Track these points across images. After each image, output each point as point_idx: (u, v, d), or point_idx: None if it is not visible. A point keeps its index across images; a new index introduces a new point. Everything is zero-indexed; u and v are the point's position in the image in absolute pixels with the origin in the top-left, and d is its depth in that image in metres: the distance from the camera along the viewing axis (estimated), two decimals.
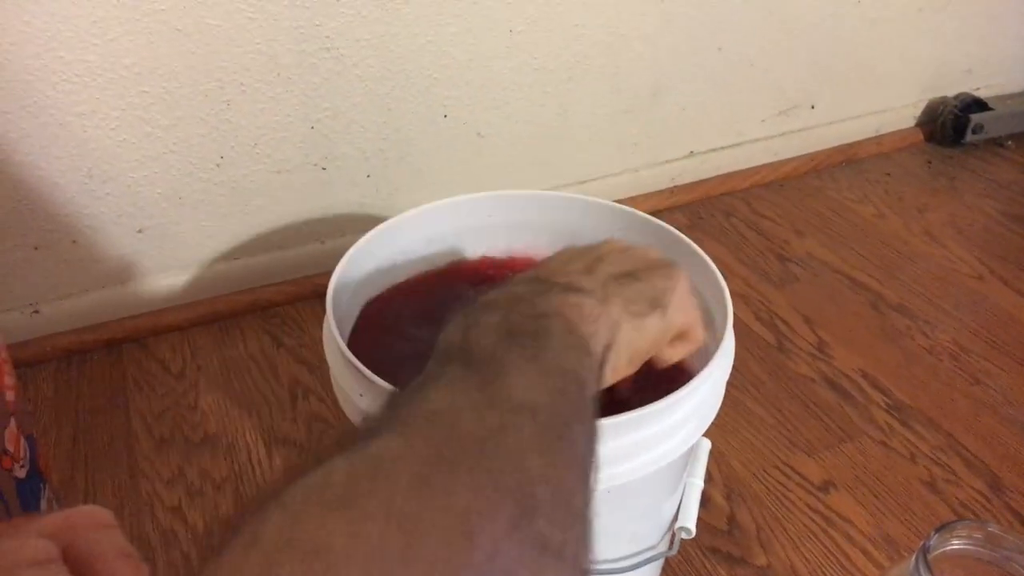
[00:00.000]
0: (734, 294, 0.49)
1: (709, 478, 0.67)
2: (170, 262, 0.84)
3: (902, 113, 1.24)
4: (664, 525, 0.51)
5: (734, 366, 0.48)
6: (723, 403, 0.47)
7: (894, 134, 1.23)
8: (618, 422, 0.39)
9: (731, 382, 0.47)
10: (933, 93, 1.25)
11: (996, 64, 1.26)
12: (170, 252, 0.84)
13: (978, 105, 1.22)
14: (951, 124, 1.21)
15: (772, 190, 1.12)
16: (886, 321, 0.88)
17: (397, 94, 0.84)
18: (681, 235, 0.54)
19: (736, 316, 0.48)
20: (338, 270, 0.50)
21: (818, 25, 1.06)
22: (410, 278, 0.59)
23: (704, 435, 0.46)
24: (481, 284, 0.59)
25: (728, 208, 1.08)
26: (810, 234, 1.03)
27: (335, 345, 0.45)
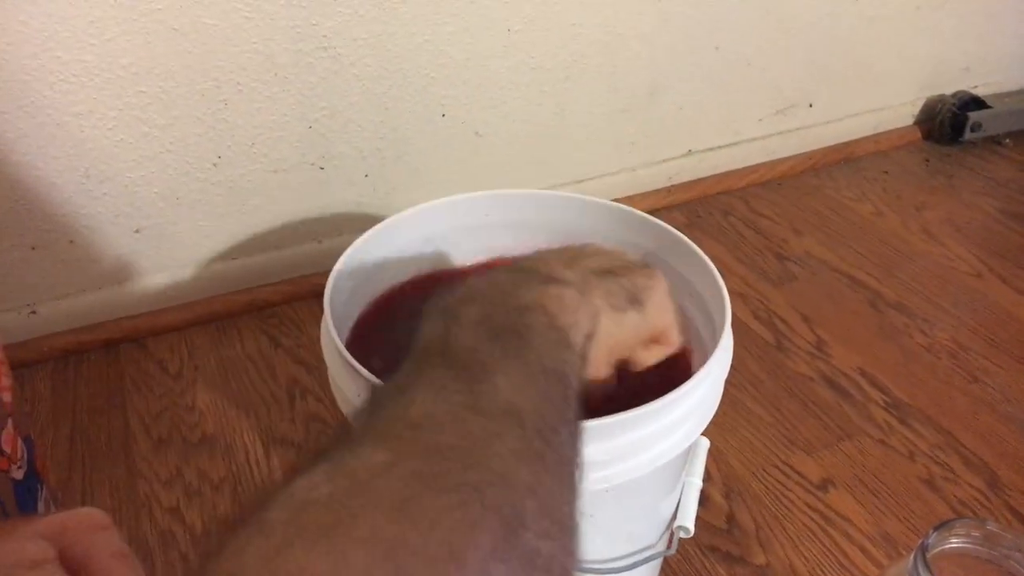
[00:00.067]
0: (732, 293, 0.49)
1: (708, 477, 0.67)
2: (167, 262, 0.84)
3: (900, 111, 1.24)
4: (663, 524, 0.51)
5: (733, 365, 0.48)
6: (722, 402, 0.47)
7: (892, 132, 1.23)
8: (617, 421, 0.39)
9: (730, 381, 0.47)
10: (931, 91, 1.25)
11: (994, 62, 1.26)
12: (167, 252, 0.83)
13: (976, 103, 1.22)
14: (949, 122, 1.21)
15: (770, 189, 1.12)
16: (884, 319, 0.88)
17: (394, 93, 0.84)
18: (679, 234, 0.54)
19: (734, 315, 0.48)
20: (336, 270, 0.50)
21: (815, 23, 1.06)
22: (408, 278, 0.59)
23: (703, 434, 0.46)
24: None
25: (726, 207, 1.08)
26: (808, 233, 1.03)
27: (333, 345, 0.45)
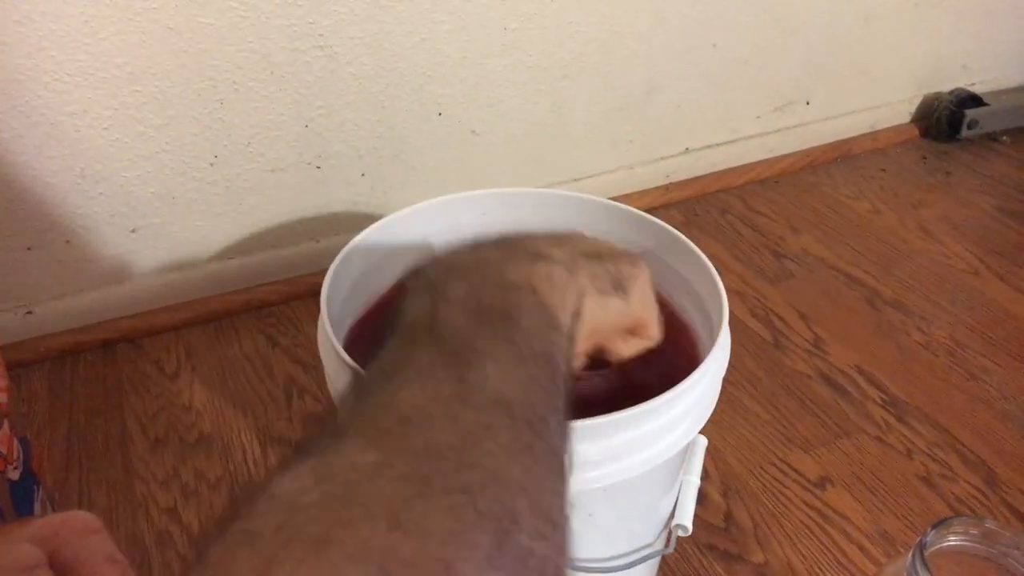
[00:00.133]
0: (730, 291, 0.49)
1: (705, 475, 0.67)
2: (164, 262, 0.84)
3: (897, 109, 1.24)
4: (661, 523, 0.51)
5: (730, 363, 0.47)
6: (719, 400, 0.47)
7: (889, 130, 1.23)
8: (615, 420, 0.39)
9: (727, 379, 0.47)
10: (928, 89, 1.25)
11: (991, 59, 1.27)
12: (164, 252, 0.83)
13: (973, 100, 1.22)
14: (946, 119, 1.22)
15: (767, 187, 1.12)
16: (882, 317, 0.88)
17: (391, 92, 0.84)
18: (677, 232, 0.54)
19: (732, 313, 0.48)
20: (332, 269, 0.50)
21: (813, 21, 1.06)
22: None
23: (700, 432, 0.45)
24: None
25: (723, 205, 1.08)
26: (805, 230, 1.03)
27: (330, 344, 0.44)
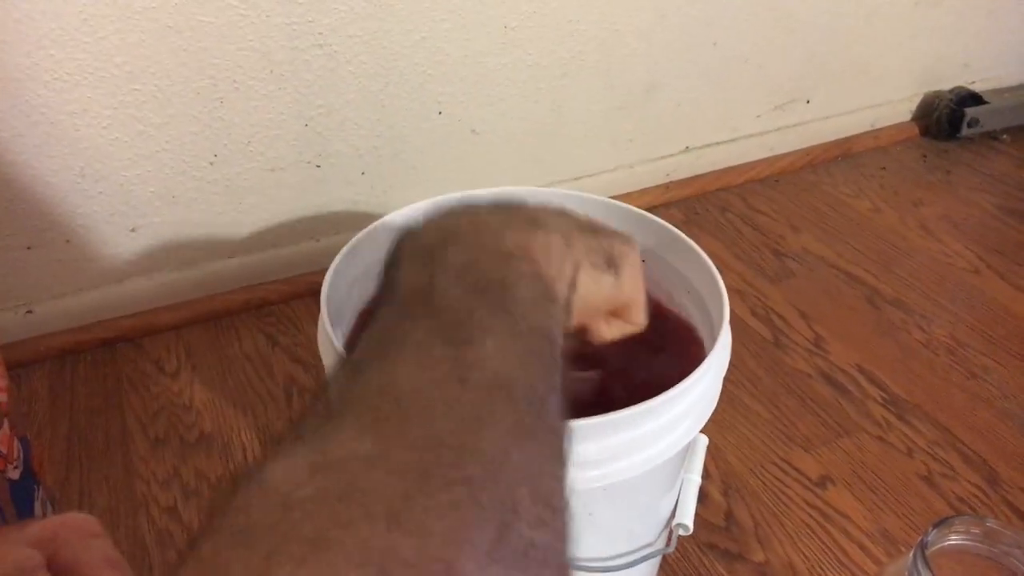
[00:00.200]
0: (730, 290, 0.49)
1: (706, 474, 0.67)
2: (164, 261, 0.84)
3: (898, 107, 1.24)
4: (661, 522, 0.51)
5: (731, 362, 0.47)
6: (720, 399, 0.46)
7: (890, 128, 1.23)
8: (616, 419, 0.39)
9: (727, 378, 0.47)
10: (929, 87, 1.25)
11: (992, 58, 1.26)
12: (164, 251, 0.83)
13: (973, 99, 1.22)
14: (947, 118, 1.21)
15: (768, 185, 1.12)
16: (882, 316, 0.88)
17: (391, 91, 0.84)
18: (677, 231, 0.54)
19: (732, 312, 0.48)
20: (333, 268, 0.50)
21: (813, 19, 1.06)
22: None
23: (701, 431, 0.45)
24: None
25: (724, 203, 1.08)
26: (806, 229, 1.03)
27: (330, 344, 0.44)
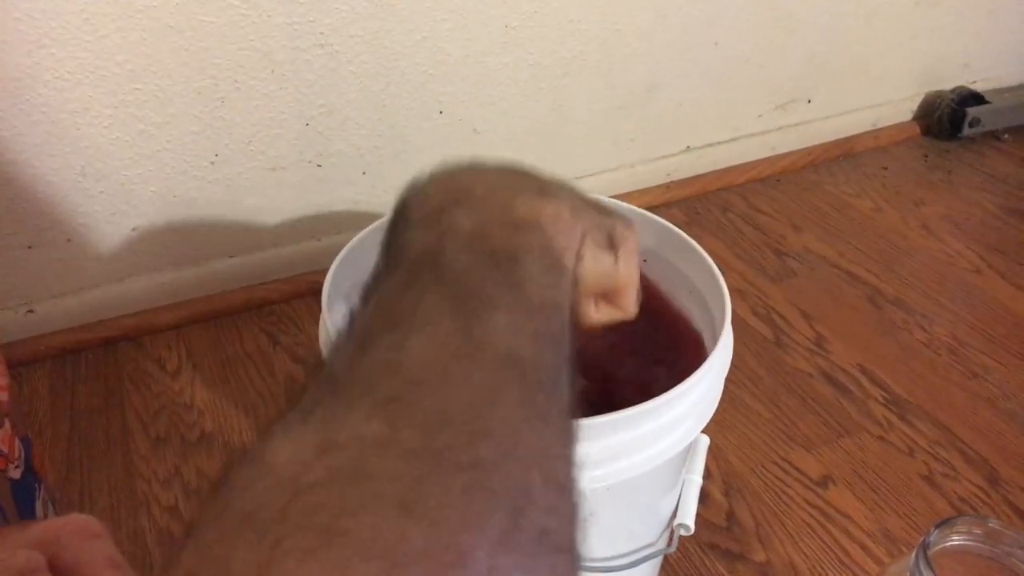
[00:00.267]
0: (731, 289, 0.49)
1: (707, 474, 0.67)
2: (165, 260, 0.84)
3: (899, 107, 1.24)
4: (663, 522, 0.51)
5: (732, 362, 0.47)
6: (721, 399, 0.46)
7: (891, 128, 1.23)
8: (617, 419, 0.39)
9: (729, 378, 0.47)
10: (930, 87, 1.24)
11: (993, 58, 1.26)
12: (164, 250, 0.83)
13: (975, 99, 1.21)
14: (948, 118, 1.21)
15: (769, 185, 1.12)
16: (883, 315, 0.87)
17: (392, 90, 0.84)
18: (678, 231, 0.54)
19: (733, 311, 0.47)
20: (334, 267, 0.50)
21: (814, 19, 1.06)
22: None
23: (702, 431, 0.45)
24: None
25: (725, 203, 1.08)
26: (807, 229, 1.03)
27: (330, 343, 0.44)
